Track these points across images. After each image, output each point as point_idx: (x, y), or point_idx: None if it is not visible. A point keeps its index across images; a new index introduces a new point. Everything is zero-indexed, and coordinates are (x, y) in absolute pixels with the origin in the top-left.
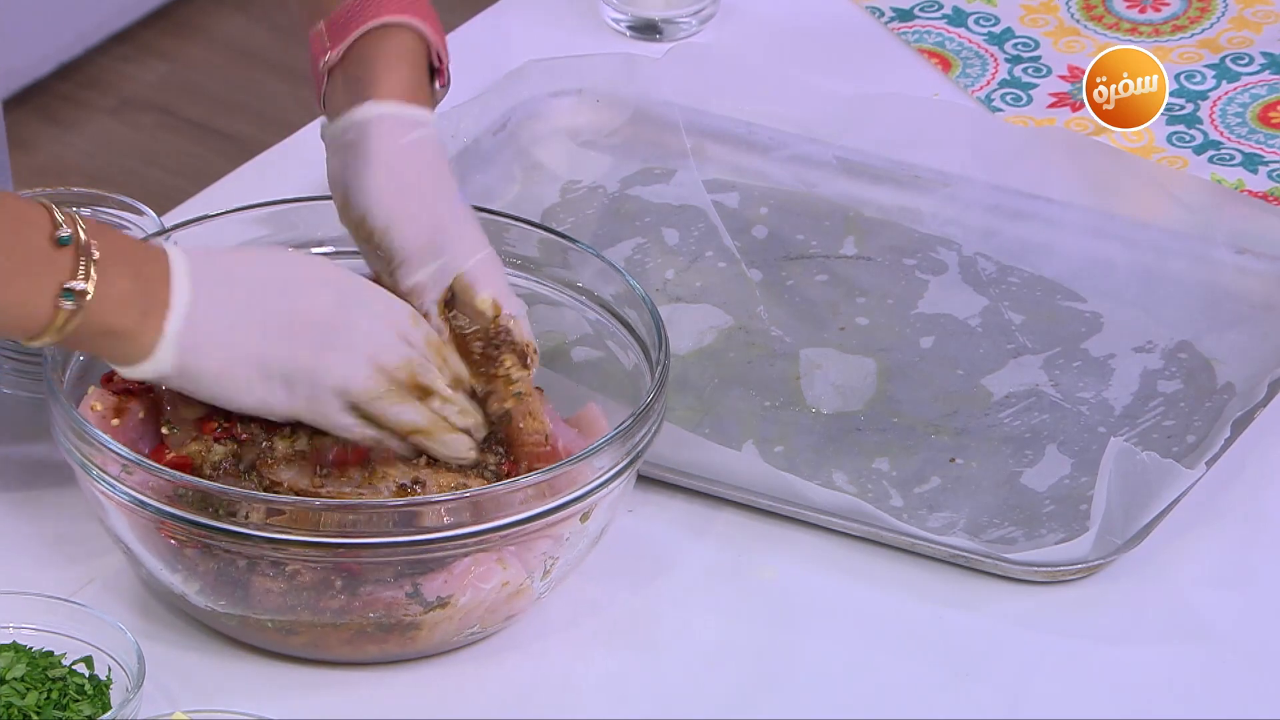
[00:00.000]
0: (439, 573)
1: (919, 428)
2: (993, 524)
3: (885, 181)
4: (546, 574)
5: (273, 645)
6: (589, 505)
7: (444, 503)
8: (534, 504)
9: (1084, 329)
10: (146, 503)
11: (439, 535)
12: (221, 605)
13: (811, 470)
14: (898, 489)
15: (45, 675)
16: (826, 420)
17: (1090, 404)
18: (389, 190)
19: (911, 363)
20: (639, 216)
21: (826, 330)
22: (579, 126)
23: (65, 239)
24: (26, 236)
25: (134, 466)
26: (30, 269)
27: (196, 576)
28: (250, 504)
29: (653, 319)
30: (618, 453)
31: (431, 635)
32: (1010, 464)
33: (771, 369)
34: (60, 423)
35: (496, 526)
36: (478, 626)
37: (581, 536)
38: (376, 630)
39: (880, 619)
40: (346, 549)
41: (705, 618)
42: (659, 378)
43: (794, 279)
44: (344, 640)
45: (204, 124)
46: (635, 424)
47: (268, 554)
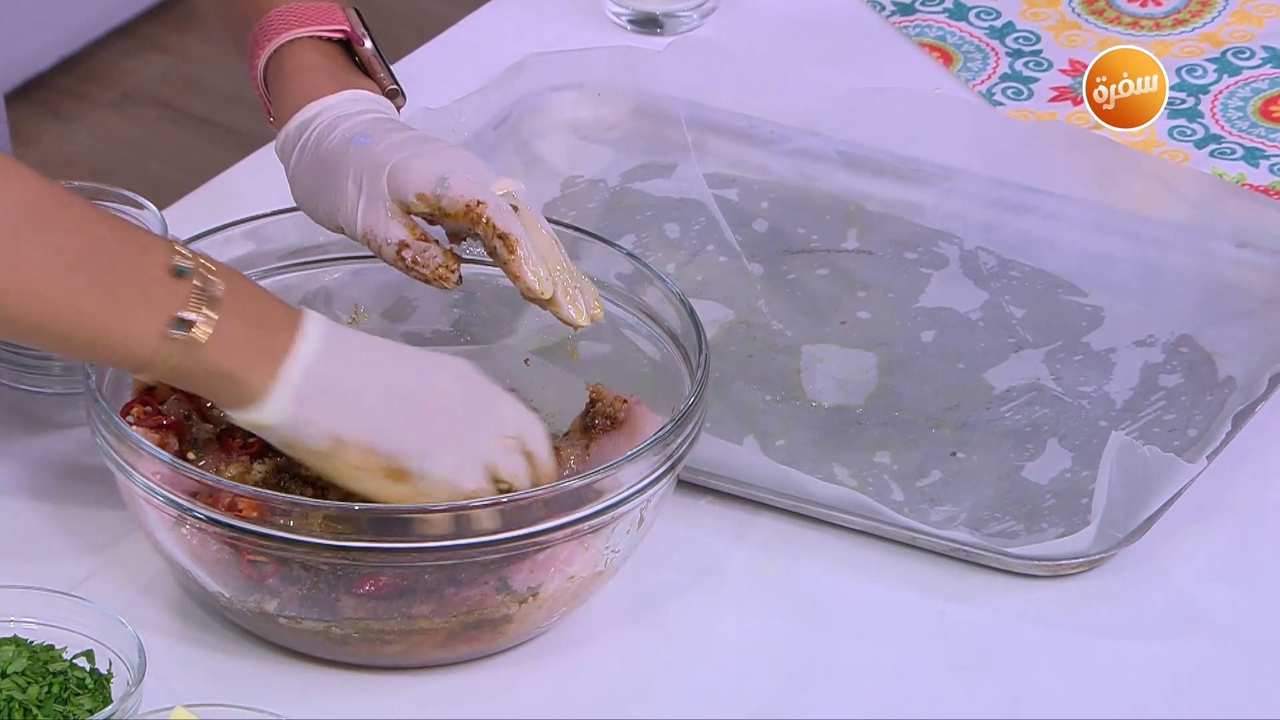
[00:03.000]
0: (524, 562)
1: (920, 422)
2: (994, 518)
3: (886, 175)
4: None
5: (361, 658)
6: (640, 504)
7: (532, 498)
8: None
9: (1085, 323)
10: (234, 525)
11: (535, 530)
12: (308, 621)
13: (812, 464)
14: (899, 483)
15: (46, 669)
16: (828, 414)
17: (1091, 398)
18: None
19: (913, 357)
20: (640, 210)
21: (828, 324)
22: (580, 120)
23: (182, 270)
24: (142, 264)
25: (217, 489)
26: (141, 297)
27: (278, 595)
28: (344, 515)
29: (690, 320)
30: (658, 456)
31: (521, 627)
32: (1011, 458)
33: (773, 363)
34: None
35: (584, 516)
36: (564, 610)
37: (638, 533)
38: (466, 629)
39: (881, 613)
40: (443, 551)
41: (702, 612)
42: (700, 381)
43: (795, 273)
44: (437, 644)
45: (205, 117)
46: (676, 427)
47: (362, 564)
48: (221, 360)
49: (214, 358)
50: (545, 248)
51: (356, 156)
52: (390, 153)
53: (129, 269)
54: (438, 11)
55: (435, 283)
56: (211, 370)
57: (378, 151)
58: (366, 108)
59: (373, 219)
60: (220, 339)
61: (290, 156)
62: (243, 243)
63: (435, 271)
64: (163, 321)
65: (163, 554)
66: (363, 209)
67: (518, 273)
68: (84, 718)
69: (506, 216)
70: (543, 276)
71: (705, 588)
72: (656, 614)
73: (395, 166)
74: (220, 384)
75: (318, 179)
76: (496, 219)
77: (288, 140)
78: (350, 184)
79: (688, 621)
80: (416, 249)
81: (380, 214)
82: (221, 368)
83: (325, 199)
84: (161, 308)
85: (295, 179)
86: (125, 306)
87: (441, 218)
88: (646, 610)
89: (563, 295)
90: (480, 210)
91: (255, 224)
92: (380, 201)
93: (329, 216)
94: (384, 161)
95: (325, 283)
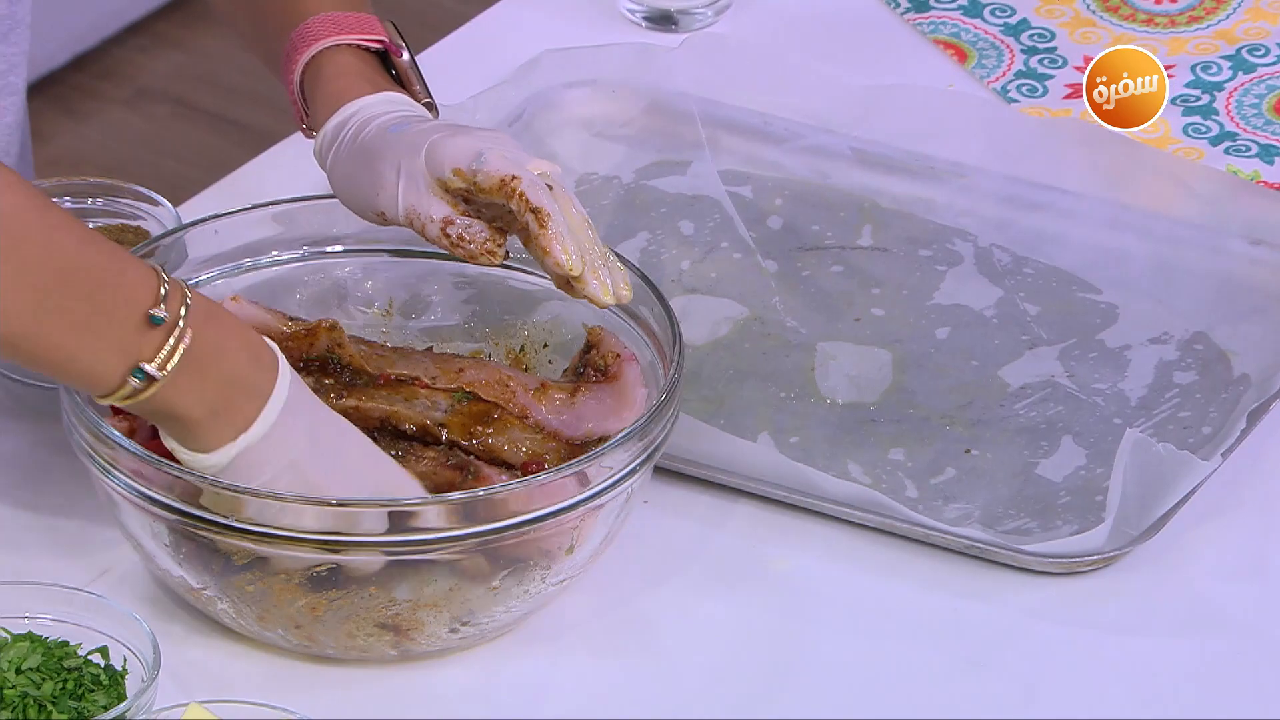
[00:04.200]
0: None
1: (934, 419)
2: (1008, 515)
3: (900, 172)
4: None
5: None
6: (604, 501)
7: (505, 493)
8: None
9: (1099, 320)
10: (208, 519)
11: (507, 524)
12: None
13: (826, 461)
14: (913, 480)
15: (61, 665)
16: (841, 411)
17: (1106, 395)
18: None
19: (927, 354)
20: (654, 208)
21: (842, 321)
22: (594, 117)
23: (158, 320)
24: (122, 301)
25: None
26: (111, 336)
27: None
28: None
29: (665, 312)
30: (635, 448)
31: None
32: (1025, 455)
33: (786, 360)
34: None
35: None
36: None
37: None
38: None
39: (894, 610)
40: (416, 545)
41: (718, 610)
42: (674, 373)
43: (809, 270)
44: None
45: (219, 114)
46: (652, 419)
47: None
48: (176, 410)
49: (170, 407)
50: (577, 226)
51: (393, 141)
52: (427, 134)
53: (103, 308)
54: (452, 8)
55: (482, 259)
56: (165, 414)
57: (414, 134)
58: (403, 108)
59: (414, 197)
60: (179, 394)
61: (328, 155)
62: (258, 229)
63: (482, 246)
64: (127, 367)
65: (140, 552)
66: (403, 189)
67: (547, 247)
68: (98, 714)
69: (540, 192)
70: (572, 253)
71: (702, 586)
72: (644, 614)
73: (433, 144)
74: (171, 425)
75: (356, 169)
76: (530, 193)
77: (325, 140)
78: (388, 167)
79: (680, 621)
80: (461, 225)
81: (421, 192)
82: (175, 416)
83: (364, 186)
84: (128, 354)
85: (334, 173)
86: (93, 344)
87: (477, 193)
88: (631, 609)
89: (590, 274)
90: (514, 185)
91: (278, 208)
92: (419, 179)
93: (369, 203)
94: (421, 142)
95: (338, 276)
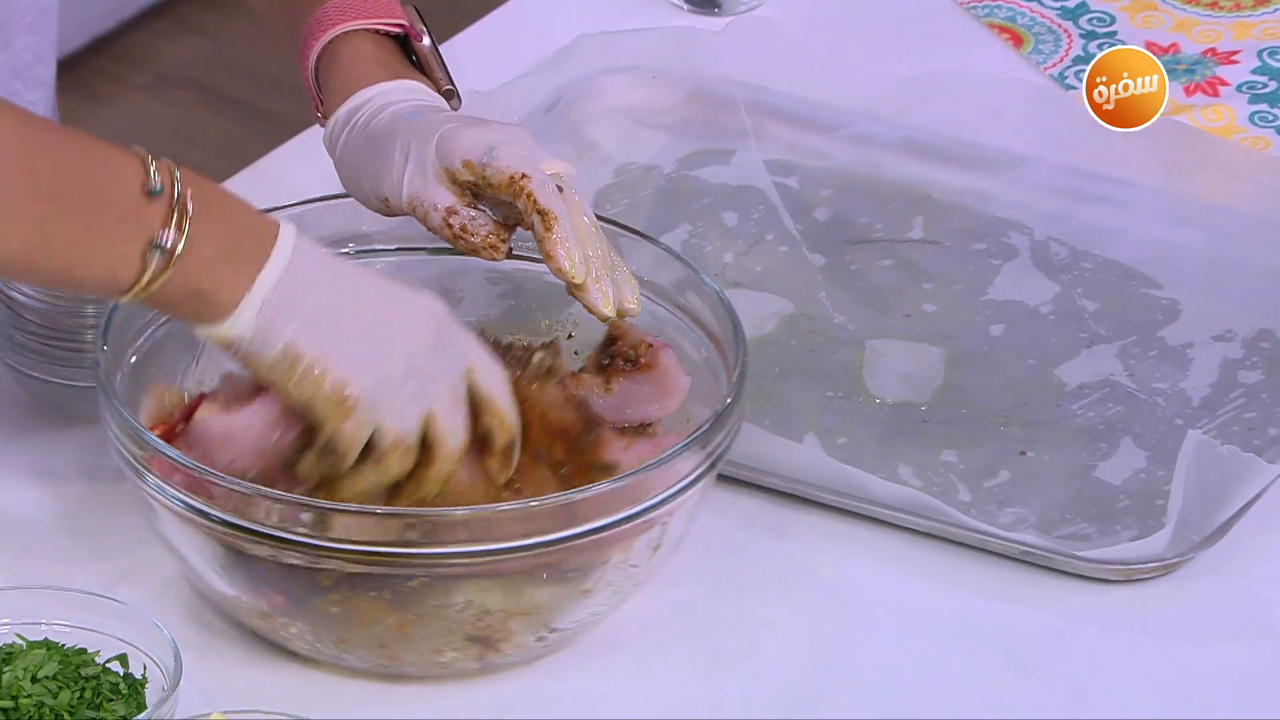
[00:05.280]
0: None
1: (988, 419)
2: (1065, 520)
3: (953, 162)
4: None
5: (373, 665)
6: (668, 512)
7: (557, 505)
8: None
9: (1160, 316)
10: (251, 528)
11: (561, 536)
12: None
13: (875, 463)
14: (965, 483)
15: (78, 674)
16: (891, 411)
17: (1167, 395)
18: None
19: (981, 351)
20: (696, 198)
21: (892, 317)
22: (633, 104)
23: (156, 190)
24: (115, 187)
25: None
26: (118, 221)
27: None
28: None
29: (727, 314)
30: (697, 456)
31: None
32: (1083, 457)
33: (834, 357)
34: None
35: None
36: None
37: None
38: (475, 642)
39: (947, 618)
40: (469, 557)
41: (762, 615)
42: (737, 379)
43: (858, 263)
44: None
45: (244, 102)
46: (714, 426)
47: (389, 569)
48: (197, 278)
49: (190, 276)
50: (584, 233)
51: (405, 128)
52: (441, 123)
53: (103, 198)
54: None
55: (483, 253)
56: (188, 289)
57: (427, 123)
58: (420, 97)
59: (419, 185)
60: (195, 257)
61: (338, 142)
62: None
63: (484, 240)
64: (141, 246)
65: (178, 559)
66: (409, 174)
67: (551, 251)
68: None
69: (549, 194)
70: (575, 259)
71: (752, 591)
72: (696, 619)
73: (445, 133)
74: (195, 302)
75: (364, 156)
76: (539, 193)
77: (336, 127)
78: (397, 153)
79: (732, 626)
80: (465, 216)
81: (428, 179)
82: (197, 285)
83: (371, 172)
84: (139, 232)
85: (342, 161)
86: (103, 234)
87: (485, 188)
88: (685, 615)
89: (593, 283)
90: (524, 183)
91: (299, 209)
92: (428, 167)
93: (374, 189)
94: (433, 130)
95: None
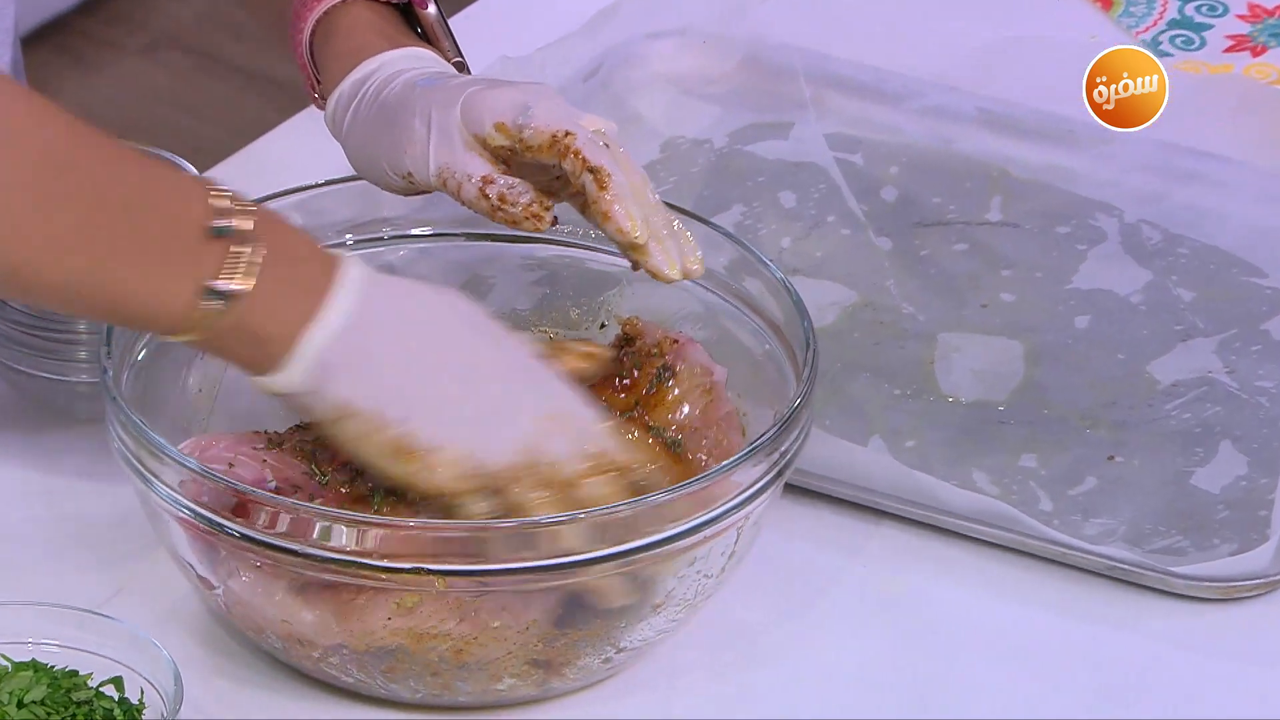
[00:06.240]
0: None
1: (1072, 420)
2: (1157, 532)
3: (1034, 137)
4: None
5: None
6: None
7: (611, 516)
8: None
9: (1264, 308)
10: (277, 545)
11: (616, 551)
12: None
13: (948, 468)
14: (1047, 491)
15: (69, 698)
16: (965, 411)
17: (1271, 394)
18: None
19: (1064, 345)
20: (750, 176)
21: (966, 308)
22: (682, 72)
23: (220, 230)
24: (176, 222)
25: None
26: (173, 260)
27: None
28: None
29: (792, 302)
30: (765, 463)
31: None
32: (1178, 463)
33: (902, 352)
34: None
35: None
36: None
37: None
38: (533, 665)
39: (1026, 640)
40: (515, 574)
41: (826, 637)
42: (809, 375)
43: (929, 248)
44: (510, 675)
45: (247, 67)
46: (784, 429)
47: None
48: (249, 325)
49: (243, 322)
50: (638, 189)
51: (423, 95)
52: (462, 87)
53: (161, 229)
54: None
55: (525, 223)
56: (239, 334)
57: (447, 88)
58: (432, 65)
59: (448, 154)
60: (251, 304)
61: (344, 119)
62: (292, 215)
63: (526, 209)
64: (195, 289)
65: (189, 577)
66: (434, 144)
67: (608, 211)
68: None
69: (598, 149)
70: (636, 217)
71: (816, 610)
72: (759, 642)
73: (470, 97)
74: (244, 347)
75: (378, 130)
76: (587, 150)
77: (340, 101)
78: (418, 122)
79: (795, 650)
80: (504, 184)
81: (456, 147)
82: (248, 332)
83: (387, 146)
84: (194, 273)
85: (350, 137)
86: (156, 271)
87: (523, 151)
88: (747, 637)
89: (654, 243)
90: (569, 141)
91: (307, 194)
92: (454, 135)
93: (393, 165)
94: (455, 95)
95: (390, 260)
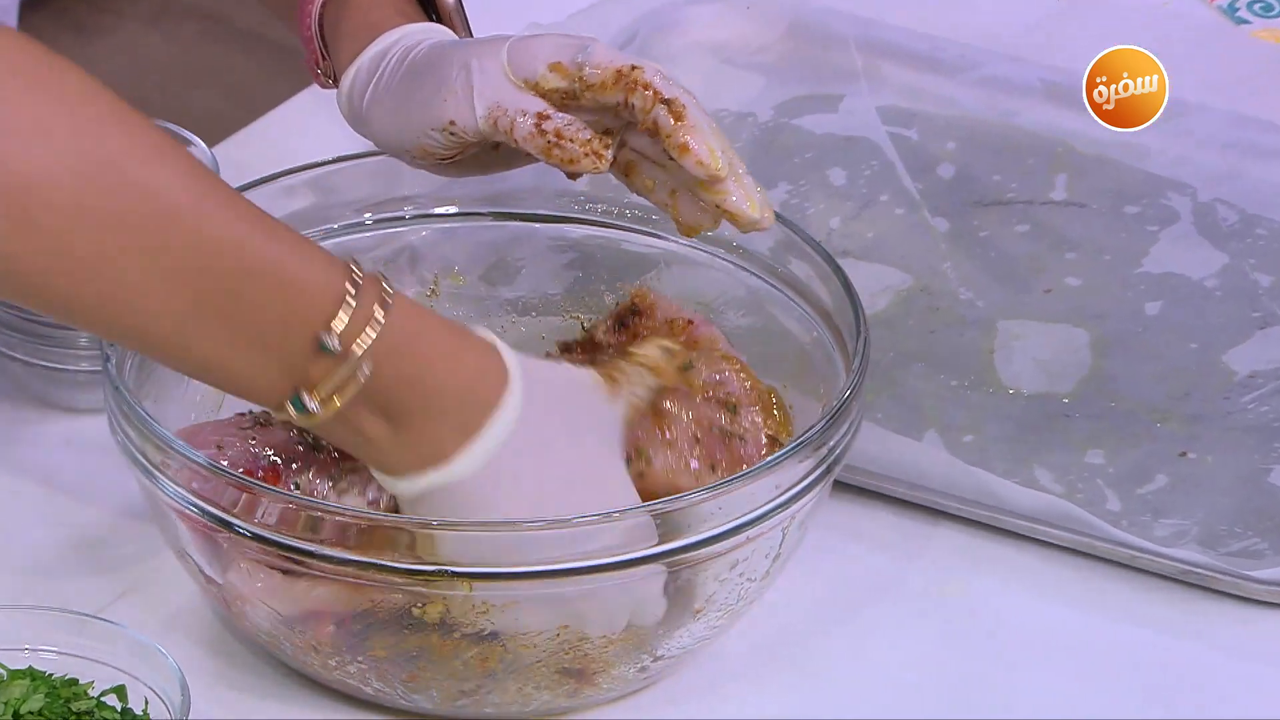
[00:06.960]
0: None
1: (1141, 414)
2: (1232, 533)
3: None
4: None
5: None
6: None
7: (645, 516)
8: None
9: None
10: (291, 545)
11: (652, 553)
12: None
13: (1008, 465)
14: (1115, 489)
15: (68, 708)
16: (1027, 403)
17: None
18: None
19: (1133, 333)
20: (798, 152)
21: (1028, 293)
22: (724, 40)
23: (328, 348)
24: (292, 312)
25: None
26: (274, 360)
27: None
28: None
29: (842, 286)
30: (811, 459)
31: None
32: (1255, 459)
33: (960, 340)
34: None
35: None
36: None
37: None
38: (562, 675)
39: (1091, 648)
40: (547, 577)
41: (878, 646)
42: (859, 365)
43: (988, 229)
44: (536, 685)
45: (260, 35)
46: (831, 425)
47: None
48: (359, 429)
49: (347, 429)
50: (712, 124)
51: (460, 50)
52: (503, 39)
53: (268, 318)
54: None
55: (584, 161)
56: (344, 433)
57: (486, 41)
58: (454, 37)
59: (497, 93)
60: (350, 425)
61: (364, 93)
62: (305, 193)
63: (586, 146)
64: (286, 392)
65: (197, 579)
66: (479, 85)
67: (685, 143)
68: None
69: (668, 82)
70: (716, 149)
71: (868, 617)
72: (806, 650)
73: (515, 44)
74: (355, 442)
75: (407, 88)
76: (658, 82)
77: (358, 77)
78: (456, 71)
79: (845, 660)
80: (560, 120)
81: (506, 87)
82: (360, 432)
83: (420, 102)
84: (291, 377)
85: (374, 108)
86: (253, 359)
87: (583, 91)
88: (793, 646)
89: (734, 180)
90: (636, 75)
91: (321, 170)
92: (503, 76)
93: (431, 119)
94: (498, 45)
95: (410, 241)
